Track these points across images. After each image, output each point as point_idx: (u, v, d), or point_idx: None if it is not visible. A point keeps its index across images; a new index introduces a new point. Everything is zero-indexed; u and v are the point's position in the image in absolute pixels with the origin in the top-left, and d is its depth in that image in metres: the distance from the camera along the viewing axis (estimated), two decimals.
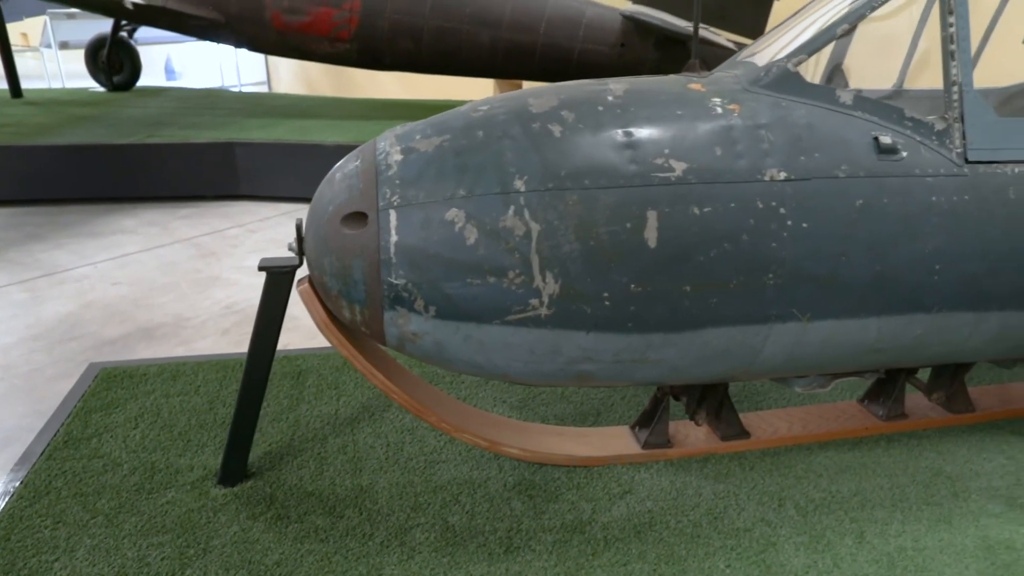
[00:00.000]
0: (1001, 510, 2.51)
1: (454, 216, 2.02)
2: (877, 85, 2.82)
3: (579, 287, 2.03)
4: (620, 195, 2.01)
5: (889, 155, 2.15)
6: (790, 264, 2.09)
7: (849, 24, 2.23)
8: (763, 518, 2.46)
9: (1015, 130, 2.24)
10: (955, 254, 2.20)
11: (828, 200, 2.10)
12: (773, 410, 3.04)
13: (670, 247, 2.03)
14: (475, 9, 7.46)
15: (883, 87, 2.82)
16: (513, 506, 2.50)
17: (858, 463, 2.76)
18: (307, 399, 3.13)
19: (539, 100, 2.17)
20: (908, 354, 2.43)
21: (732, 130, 2.12)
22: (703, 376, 2.35)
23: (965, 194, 2.19)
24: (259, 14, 7.49)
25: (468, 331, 2.11)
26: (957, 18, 2.19)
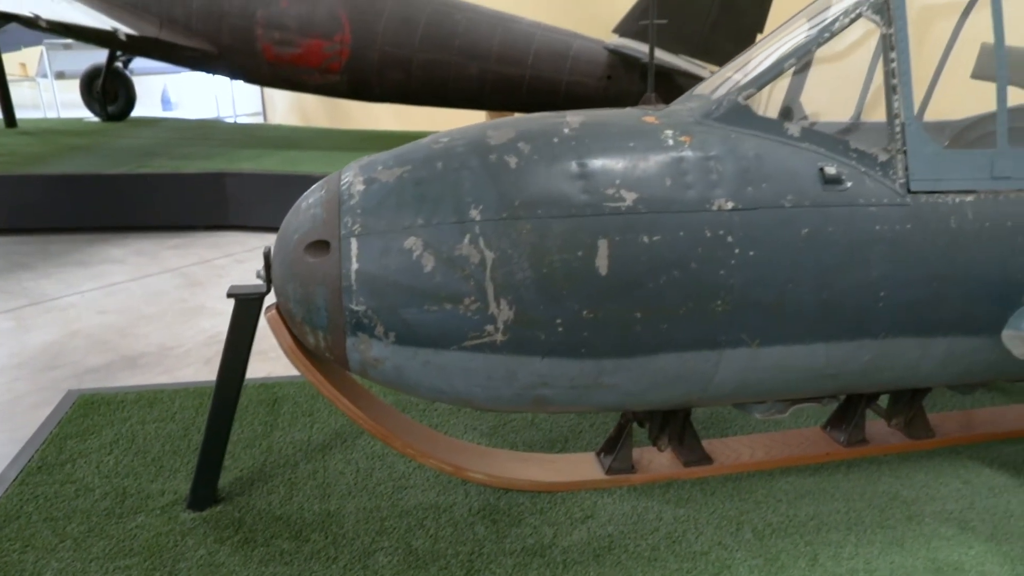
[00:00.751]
0: (953, 533, 2.56)
1: (412, 244, 2.09)
2: (842, 117, 2.92)
3: (533, 314, 2.09)
4: (572, 224, 2.09)
5: (834, 185, 2.24)
6: (738, 291, 2.16)
7: (796, 60, 2.32)
8: (720, 542, 2.50)
9: (956, 162, 2.33)
10: (899, 281, 2.27)
11: (774, 229, 2.18)
12: (737, 436, 3.09)
13: (621, 275, 2.10)
14: (464, 42, 7.63)
15: (844, 119, 2.92)
16: (476, 530, 2.54)
17: (817, 488, 2.80)
18: (281, 426, 3.18)
19: (497, 132, 2.26)
20: (860, 379, 2.49)
21: (682, 161, 2.20)
22: (659, 401, 2.41)
23: (908, 223, 2.26)
24: (251, 46, 7.65)
25: (427, 357, 2.17)
26: (898, 54, 2.29)
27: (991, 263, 2.34)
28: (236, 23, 7.61)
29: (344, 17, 7.54)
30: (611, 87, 7.43)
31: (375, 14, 7.56)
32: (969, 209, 2.32)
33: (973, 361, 2.55)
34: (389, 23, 7.56)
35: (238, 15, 7.59)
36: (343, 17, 7.54)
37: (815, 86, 2.61)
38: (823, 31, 2.33)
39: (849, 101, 2.63)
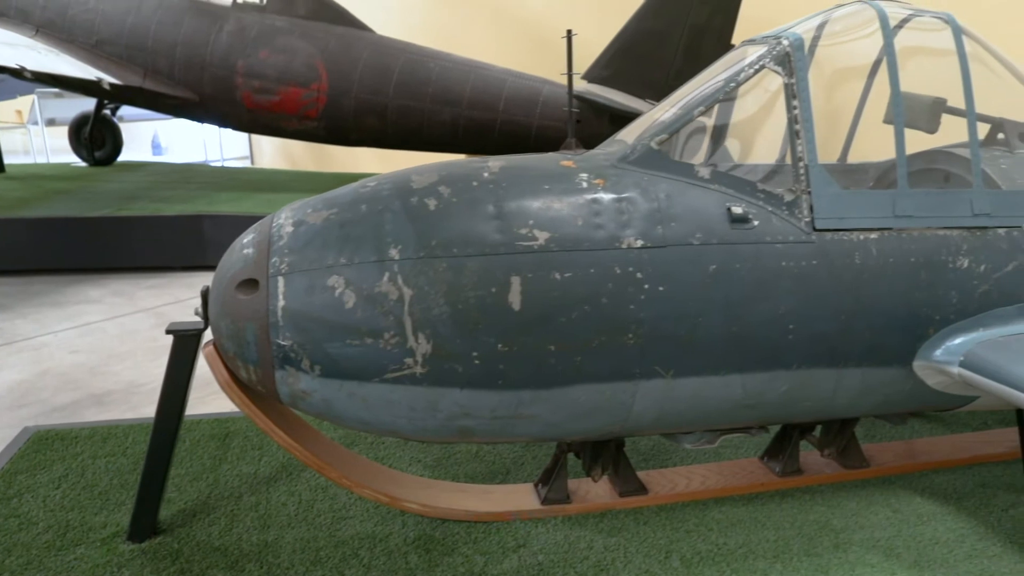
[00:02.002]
0: (878, 560, 2.62)
1: (335, 282, 2.20)
2: (767, 160, 3.06)
3: (449, 347, 2.19)
4: (486, 262, 2.20)
5: (741, 224, 2.36)
6: (648, 324, 2.27)
7: (705, 107, 2.46)
8: (647, 570, 2.56)
9: (860, 201, 2.46)
10: (807, 315, 2.38)
11: (683, 266, 2.29)
12: (675, 468, 3.16)
13: (533, 310, 2.20)
14: (437, 88, 7.85)
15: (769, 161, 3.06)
16: (409, 559, 2.60)
17: (749, 517, 2.87)
18: (230, 459, 3.25)
19: (421, 177, 2.39)
20: (780, 410, 2.58)
21: (595, 202, 2.32)
22: (582, 432, 2.50)
23: (814, 259, 2.38)
24: (231, 94, 7.86)
25: (352, 389, 2.26)
26: (800, 102, 2.43)
27: (897, 297, 2.45)
28: (217, 73, 7.83)
29: (321, 66, 7.77)
30: (581, 130, 7.63)
31: (351, 63, 7.79)
32: (873, 246, 2.44)
33: (891, 391, 2.64)
34: (365, 71, 7.79)
35: (219, 65, 7.82)
36: (320, 66, 7.76)
37: (738, 131, 2.75)
38: (729, 81, 2.48)
39: (771, 145, 2.76)
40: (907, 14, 2.76)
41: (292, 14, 8.01)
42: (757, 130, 2.72)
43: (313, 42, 7.88)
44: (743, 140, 2.75)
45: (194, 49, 7.84)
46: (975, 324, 2.51)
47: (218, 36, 7.86)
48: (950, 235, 2.50)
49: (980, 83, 2.86)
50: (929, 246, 2.48)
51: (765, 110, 2.71)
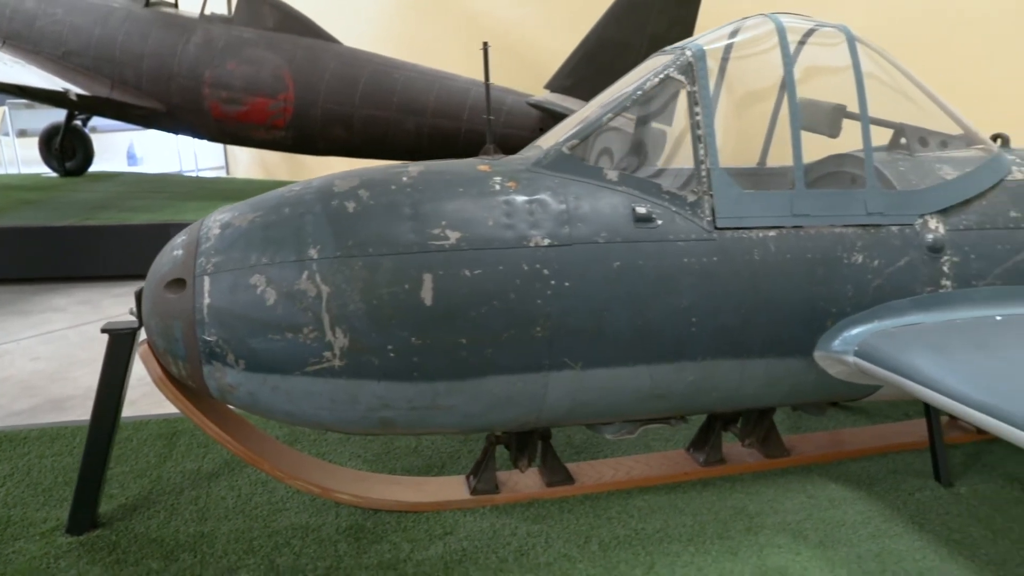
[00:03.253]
0: (786, 542, 2.76)
1: (257, 281, 2.32)
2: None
3: (366, 341, 2.32)
4: (399, 261, 2.33)
5: (645, 223, 2.50)
6: (556, 318, 2.40)
7: (613, 114, 2.61)
8: (566, 554, 2.69)
9: (759, 202, 2.61)
10: (710, 308, 2.53)
11: (588, 263, 2.43)
12: (603, 459, 3.30)
13: (445, 305, 2.34)
14: (402, 98, 7.99)
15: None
16: (339, 547, 2.71)
17: (669, 504, 3.01)
18: (175, 457, 3.35)
19: (343, 181, 2.52)
20: (689, 400, 2.72)
21: (506, 204, 2.46)
22: (500, 422, 2.62)
23: (715, 256, 2.53)
24: (198, 104, 7.96)
25: (275, 382, 2.38)
26: (702, 108, 2.58)
27: (795, 291, 2.60)
28: (184, 83, 7.93)
29: (288, 77, 7.89)
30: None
31: (317, 74, 7.92)
32: (772, 243, 2.59)
33: (796, 381, 2.79)
34: (331, 82, 7.92)
35: (186, 76, 7.92)
36: (287, 77, 7.89)
37: (648, 136, 2.90)
38: (637, 89, 2.63)
39: (679, 149, 2.91)
40: (809, 26, 2.92)
41: (259, 26, 8.13)
42: (667, 134, 2.87)
43: (280, 53, 8.00)
44: (653, 144, 2.90)
45: (161, 60, 7.95)
46: (870, 316, 2.66)
47: (185, 47, 7.97)
48: (845, 232, 2.66)
49: (881, 90, 3.03)
50: (825, 243, 2.63)
51: (675, 116, 2.85)
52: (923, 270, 2.70)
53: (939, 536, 2.80)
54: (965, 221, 2.78)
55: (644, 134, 2.89)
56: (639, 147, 2.88)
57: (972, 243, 2.76)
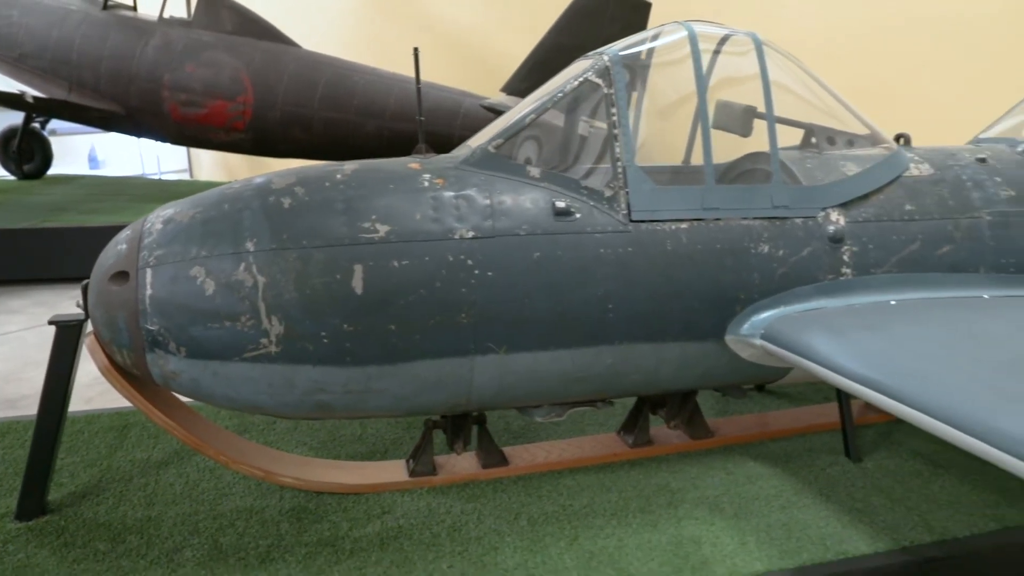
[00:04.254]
0: (703, 514, 2.96)
1: (197, 272, 2.46)
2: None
3: (300, 328, 2.47)
4: (331, 252, 2.49)
5: (564, 217, 2.68)
6: (480, 306, 2.58)
7: (535, 115, 2.79)
8: (496, 529, 2.86)
9: (672, 196, 2.80)
10: (625, 296, 2.71)
11: (510, 254, 2.61)
12: (538, 443, 3.47)
13: (375, 294, 2.49)
14: (361, 101, 8.12)
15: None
16: (281, 527, 2.86)
17: (597, 483, 3.19)
18: (125, 448, 3.46)
19: (281, 179, 2.67)
20: (611, 382, 2.91)
21: (434, 199, 2.63)
22: (432, 405, 2.78)
23: (630, 247, 2.72)
24: (158, 107, 8.02)
25: (215, 368, 2.52)
26: (618, 110, 2.77)
27: (705, 279, 2.80)
28: (144, 86, 7.98)
29: (247, 80, 7.98)
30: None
31: (276, 77, 8.02)
32: (683, 235, 2.79)
33: (711, 364, 2.99)
34: (290, 85, 8.03)
35: (145, 79, 7.97)
36: (246, 80, 7.98)
37: (571, 135, 3.09)
38: (558, 91, 2.82)
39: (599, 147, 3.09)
40: (722, 34, 3.13)
41: (218, 29, 8.20)
42: (587, 134, 3.05)
43: (239, 56, 8.09)
44: (575, 143, 3.08)
45: (120, 63, 7.99)
46: (776, 302, 2.87)
47: (144, 50, 8.02)
48: (753, 224, 2.86)
49: (792, 93, 3.26)
50: (734, 234, 2.83)
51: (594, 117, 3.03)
52: (825, 259, 2.92)
53: (843, 506, 3.02)
54: (864, 214, 3.00)
55: (566, 133, 3.07)
56: (561, 146, 3.06)
57: (870, 234, 2.98)
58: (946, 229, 3.07)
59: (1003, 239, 3.12)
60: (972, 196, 3.16)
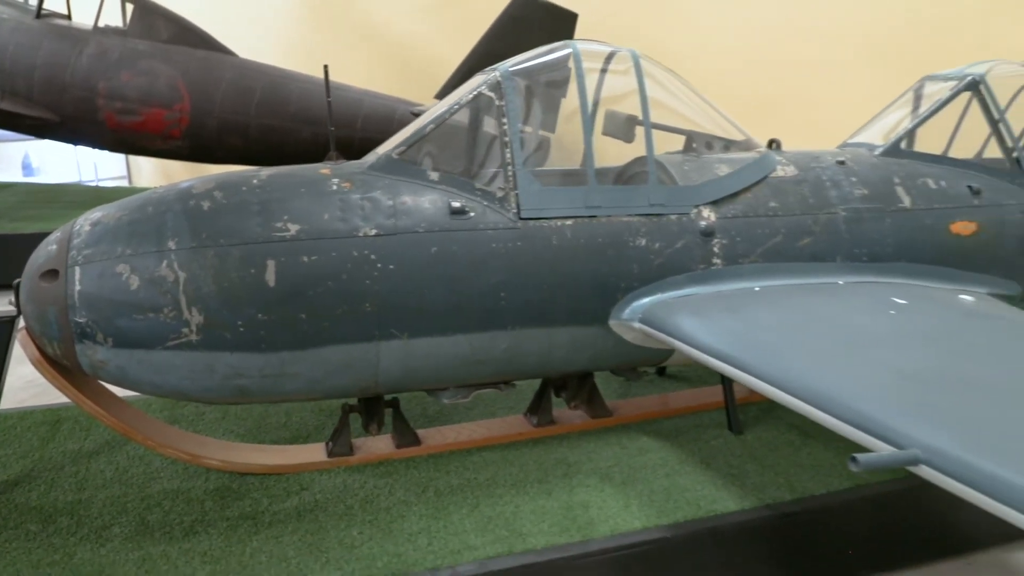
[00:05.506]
0: (594, 482, 3.29)
1: (122, 269, 2.70)
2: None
3: (218, 318, 2.72)
4: (246, 249, 2.75)
5: (459, 215, 2.99)
6: (383, 296, 2.86)
7: (435, 125, 3.10)
8: (405, 500, 3.15)
9: (558, 196, 3.13)
10: (516, 285, 3.03)
11: (410, 249, 2.90)
12: (451, 425, 3.77)
13: (286, 286, 2.76)
14: (297, 108, 8.32)
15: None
16: (205, 505, 3.10)
17: (502, 459, 3.50)
18: (58, 439, 3.65)
19: (201, 183, 2.92)
20: (508, 365, 3.21)
21: (341, 201, 2.91)
22: (344, 387, 3.05)
23: (519, 242, 3.03)
24: (93, 114, 8.09)
25: (140, 356, 2.75)
26: (509, 120, 3.09)
27: (589, 270, 3.13)
28: (78, 94, 8.04)
29: (183, 87, 8.11)
30: None
31: (213, 84, 8.17)
32: (568, 231, 3.11)
33: (599, 347, 3.32)
34: (227, 93, 8.18)
35: (80, 87, 8.03)
36: (182, 87, 8.11)
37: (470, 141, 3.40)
38: (455, 103, 3.13)
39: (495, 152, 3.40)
40: (607, 51, 3.48)
41: (154, 38, 8.31)
42: (482, 141, 3.35)
43: (175, 65, 8.21)
44: (471, 149, 3.39)
45: (54, 71, 8.04)
46: (653, 289, 3.21)
47: (79, 59, 8.08)
48: (631, 221, 3.21)
49: (674, 104, 3.63)
50: (614, 230, 3.17)
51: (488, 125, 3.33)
52: (697, 251, 3.28)
53: (721, 472, 3.39)
54: (733, 210, 3.38)
55: (462, 141, 3.38)
56: (459, 152, 3.36)
57: (738, 228, 3.35)
58: (806, 223, 3.47)
59: (856, 232, 3.53)
60: (830, 194, 3.57)
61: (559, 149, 3.74)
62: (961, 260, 3.72)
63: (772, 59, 9.01)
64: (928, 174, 3.82)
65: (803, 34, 9.17)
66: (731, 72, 9.62)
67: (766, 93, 9.01)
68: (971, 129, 4.26)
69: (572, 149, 3.74)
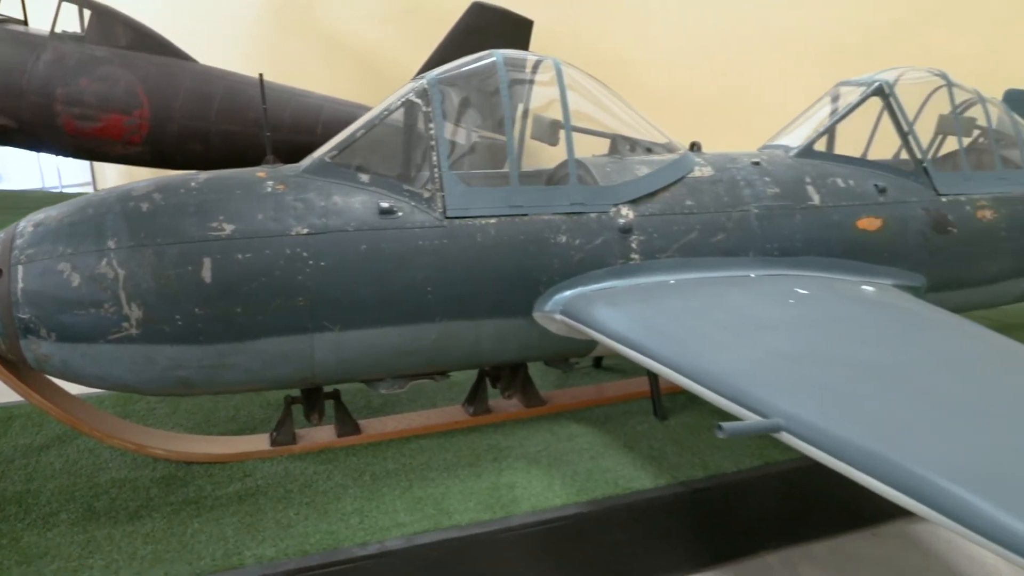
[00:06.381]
0: (522, 465, 3.50)
1: (63, 267, 2.86)
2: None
3: (157, 313, 2.90)
4: (183, 248, 2.93)
5: (388, 215, 3.19)
6: (315, 290, 3.05)
7: (365, 131, 3.30)
8: (342, 484, 3.34)
9: (482, 196, 3.34)
10: (442, 280, 3.23)
11: (340, 247, 3.09)
12: (392, 415, 3.96)
13: (222, 282, 2.94)
14: (258, 114, 8.45)
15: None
16: (151, 492, 3.26)
17: (438, 445, 3.70)
18: (9, 436, 3.78)
19: (141, 187, 3.09)
20: (438, 355, 3.41)
21: (275, 202, 3.10)
22: (281, 378, 3.23)
23: (445, 239, 3.24)
24: (51, 120, 8.18)
25: (83, 350, 2.92)
26: (435, 125, 3.30)
27: (512, 265, 3.34)
28: (36, 100, 8.13)
29: (142, 94, 8.22)
30: None
31: (172, 91, 8.29)
32: (492, 228, 3.32)
33: (525, 338, 3.53)
34: (186, 99, 8.31)
35: (38, 93, 8.12)
36: (141, 94, 8.22)
37: (400, 145, 3.60)
38: (384, 110, 3.33)
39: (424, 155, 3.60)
40: (534, 59, 3.70)
41: (112, 44, 8.42)
42: (412, 144, 3.56)
43: (134, 71, 8.32)
44: (400, 152, 3.59)
45: (10, 77, 8.11)
46: (574, 283, 3.43)
47: (35, 65, 8.17)
48: (552, 219, 3.42)
49: (599, 110, 3.86)
50: (536, 227, 3.39)
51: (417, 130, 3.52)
52: (616, 247, 3.50)
53: (642, 454, 3.62)
54: (651, 209, 3.61)
55: (393, 144, 3.58)
56: (388, 155, 3.56)
57: (655, 225, 3.59)
58: (720, 220, 3.71)
59: (768, 228, 3.79)
60: (744, 193, 3.82)
61: (491, 152, 3.95)
62: (868, 254, 3.99)
63: (719, 66, 9.33)
64: (837, 174, 4.08)
65: (749, 41, 9.51)
66: (681, 77, 9.93)
67: (713, 97, 9.32)
68: (889, 131, 4.55)
69: (503, 153, 3.95)
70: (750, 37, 9.59)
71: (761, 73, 9.32)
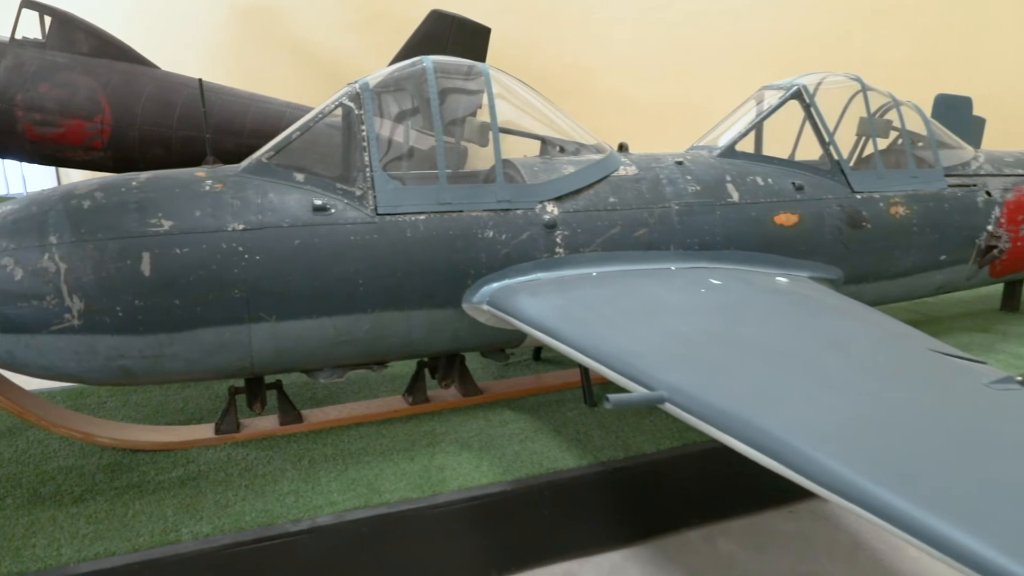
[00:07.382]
0: (454, 449, 3.70)
1: (6, 262, 3.02)
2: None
3: (98, 304, 3.06)
4: (123, 243, 3.10)
5: (321, 212, 3.38)
6: (250, 282, 3.23)
7: (300, 133, 3.49)
8: (281, 468, 3.51)
9: (412, 194, 3.54)
10: (373, 273, 3.42)
11: (275, 242, 3.28)
12: (334, 405, 4.14)
13: (161, 275, 3.11)
14: (219, 120, 8.59)
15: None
16: (96, 478, 3.41)
17: (376, 432, 3.89)
18: None
19: (85, 185, 3.26)
20: (371, 345, 3.60)
21: (212, 200, 3.28)
22: (221, 367, 3.40)
23: (376, 235, 3.43)
24: (12, 126, 8.25)
25: (27, 341, 3.07)
26: (367, 127, 3.50)
27: (441, 258, 3.54)
28: None
29: (104, 100, 8.33)
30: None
31: (134, 97, 8.41)
32: (421, 224, 3.52)
33: (456, 329, 3.73)
34: (148, 105, 8.43)
35: None
36: (103, 100, 8.33)
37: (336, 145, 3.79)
38: (319, 113, 3.52)
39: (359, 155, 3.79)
40: (466, 66, 3.91)
41: (73, 51, 8.52)
42: (346, 145, 3.74)
43: (95, 77, 8.42)
44: (335, 153, 3.78)
45: None
46: (500, 276, 3.64)
47: None
48: (480, 216, 3.63)
49: (529, 114, 4.08)
50: (463, 223, 3.59)
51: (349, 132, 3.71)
52: (541, 241, 3.72)
53: (569, 438, 3.83)
54: (575, 205, 3.83)
55: (327, 145, 3.77)
56: (323, 155, 3.74)
57: (579, 221, 3.81)
58: (642, 216, 3.94)
59: (688, 223, 4.02)
60: (665, 191, 4.05)
61: (429, 154, 4.15)
62: (785, 248, 4.24)
63: (673, 72, 9.62)
64: (757, 172, 4.34)
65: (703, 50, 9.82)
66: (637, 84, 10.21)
67: (666, 102, 9.60)
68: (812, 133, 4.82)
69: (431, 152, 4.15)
70: (703, 46, 9.91)
71: (713, 80, 9.63)
